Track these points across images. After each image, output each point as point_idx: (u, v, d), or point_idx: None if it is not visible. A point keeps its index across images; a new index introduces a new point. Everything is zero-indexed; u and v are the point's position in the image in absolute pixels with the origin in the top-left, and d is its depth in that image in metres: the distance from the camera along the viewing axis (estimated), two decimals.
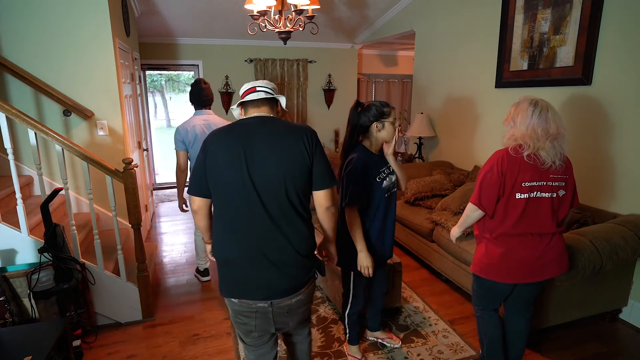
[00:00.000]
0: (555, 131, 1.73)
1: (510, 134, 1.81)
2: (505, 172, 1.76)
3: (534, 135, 1.73)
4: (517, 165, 1.75)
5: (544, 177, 1.77)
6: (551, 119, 1.73)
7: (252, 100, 1.57)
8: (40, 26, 3.00)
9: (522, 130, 1.76)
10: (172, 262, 3.72)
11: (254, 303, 1.51)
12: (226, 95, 6.38)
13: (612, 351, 2.44)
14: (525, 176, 1.75)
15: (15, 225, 2.38)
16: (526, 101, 1.78)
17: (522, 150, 1.75)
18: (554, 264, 1.86)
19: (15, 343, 1.82)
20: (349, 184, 1.93)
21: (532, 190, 1.77)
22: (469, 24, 4.05)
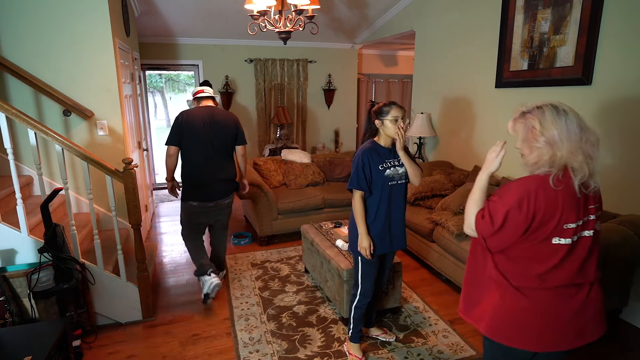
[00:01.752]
0: (595, 139, 1.28)
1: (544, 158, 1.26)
2: (537, 213, 1.25)
3: (580, 154, 1.24)
4: (560, 203, 1.25)
5: (587, 210, 1.30)
6: (584, 125, 1.29)
7: (204, 96, 2.98)
8: (40, 26, 3.00)
9: (567, 147, 1.24)
10: (172, 262, 3.72)
11: (206, 204, 2.93)
12: (226, 95, 6.38)
13: (612, 351, 2.44)
14: (570, 216, 1.26)
15: (15, 225, 2.38)
16: (548, 110, 1.28)
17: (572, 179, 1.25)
18: (594, 322, 1.38)
19: (15, 343, 1.82)
20: (352, 170, 2.16)
21: (577, 232, 1.28)
22: (469, 24, 4.05)
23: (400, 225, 2.25)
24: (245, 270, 3.50)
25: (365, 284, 2.25)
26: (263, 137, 6.63)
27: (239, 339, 2.54)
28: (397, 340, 2.52)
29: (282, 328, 2.64)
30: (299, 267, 3.54)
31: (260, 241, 4.11)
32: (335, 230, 3.13)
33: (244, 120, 6.56)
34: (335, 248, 2.86)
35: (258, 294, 3.08)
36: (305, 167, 4.69)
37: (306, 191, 4.33)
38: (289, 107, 6.60)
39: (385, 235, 2.20)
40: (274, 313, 2.82)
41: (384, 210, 2.17)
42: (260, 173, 4.53)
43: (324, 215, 4.25)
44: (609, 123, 2.76)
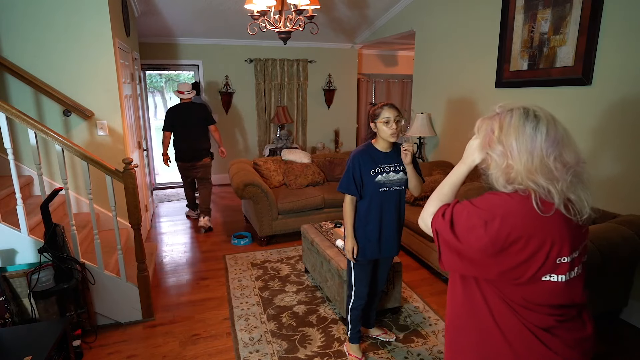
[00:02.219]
0: (575, 159, 1.00)
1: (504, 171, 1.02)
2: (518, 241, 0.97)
3: (546, 170, 0.97)
4: (551, 230, 0.98)
5: (578, 240, 1.04)
6: (564, 140, 1.00)
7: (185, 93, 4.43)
8: (41, 26, 3.00)
9: (525, 161, 0.98)
10: (172, 262, 3.72)
11: (189, 163, 4.46)
12: (226, 95, 6.38)
13: (612, 351, 2.44)
14: (564, 247, 0.99)
15: (15, 225, 2.38)
16: (517, 112, 1.04)
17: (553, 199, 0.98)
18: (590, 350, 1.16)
19: (15, 343, 1.82)
20: (346, 174, 2.14)
21: (572, 268, 1.02)
22: (469, 24, 4.05)
23: (392, 232, 2.18)
24: (245, 270, 3.50)
25: (359, 286, 2.24)
26: (263, 137, 6.63)
27: (239, 339, 2.54)
28: (397, 340, 2.52)
29: (282, 328, 2.64)
30: (299, 267, 3.54)
31: (260, 241, 4.11)
32: (335, 230, 3.13)
33: (244, 120, 6.57)
34: (335, 248, 2.86)
35: (258, 294, 3.08)
36: (305, 167, 4.69)
37: (306, 191, 4.33)
38: (289, 107, 6.60)
39: (374, 240, 2.15)
40: (274, 313, 2.82)
41: (376, 215, 2.12)
42: (260, 173, 4.53)
43: (324, 215, 4.25)
44: (609, 123, 2.76)
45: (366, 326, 2.54)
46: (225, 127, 6.52)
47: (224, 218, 5.00)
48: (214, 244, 4.16)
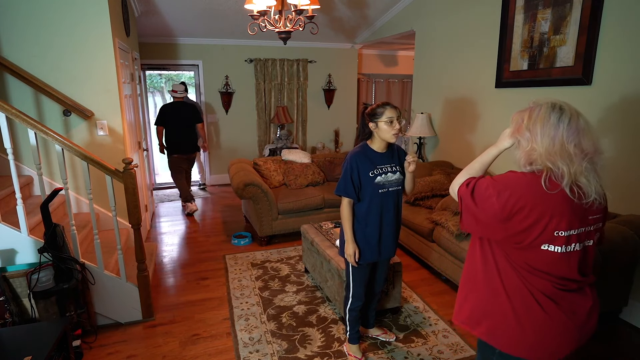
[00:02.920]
0: (593, 148, 1.17)
1: (527, 153, 1.22)
2: (520, 211, 1.17)
3: (565, 154, 1.15)
4: (552, 205, 1.16)
5: (584, 221, 1.20)
6: (585, 131, 1.18)
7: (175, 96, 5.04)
8: (41, 26, 3.00)
9: (547, 145, 1.17)
10: (172, 262, 3.72)
11: (186, 155, 5.07)
12: (226, 95, 6.38)
13: (612, 351, 2.44)
14: (562, 222, 1.17)
15: (15, 225, 2.38)
16: (545, 105, 1.21)
17: (562, 181, 1.16)
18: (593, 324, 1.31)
19: (15, 343, 1.82)
20: (343, 176, 2.10)
21: (570, 243, 1.19)
22: (469, 24, 4.05)
23: (392, 234, 2.19)
24: (245, 270, 3.50)
25: (357, 288, 2.23)
26: (263, 137, 6.64)
27: (239, 339, 2.54)
28: (397, 340, 2.52)
29: (282, 328, 2.64)
30: (299, 267, 3.54)
31: (260, 241, 4.11)
32: (335, 231, 3.13)
33: (244, 120, 6.57)
34: (335, 248, 2.86)
35: (258, 294, 3.08)
36: (305, 167, 4.69)
37: (306, 191, 4.33)
38: (289, 107, 6.60)
39: (375, 243, 2.14)
40: (274, 313, 2.82)
41: (376, 217, 2.09)
42: (260, 173, 4.53)
43: (324, 215, 4.25)
44: (609, 123, 2.76)
45: (366, 326, 2.54)
46: (225, 127, 6.53)
47: (224, 218, 5.00)
48: (214, 244, 4.16)
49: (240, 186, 3.87)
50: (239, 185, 3.88)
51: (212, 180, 6.70)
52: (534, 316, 1.23)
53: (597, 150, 1.18)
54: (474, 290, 1.36)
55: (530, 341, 1.25)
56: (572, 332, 1.25)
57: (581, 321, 1.27)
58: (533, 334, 1.24)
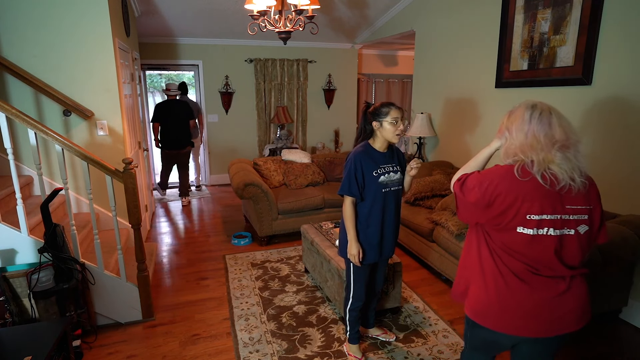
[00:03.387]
0: (564, 137, 1.31)
1: (505, 148, 1.41)
2: (497, 197, 1.33)
3: (536, 144, 1.31)
4: (524, 190, 1.31)
5: (558, 208, 1.31)
6: (556, 124, 1.33)
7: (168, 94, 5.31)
8: (41, 26, 3.00)
9: (520, 139, 1.35)
10: (172, 262, 3.72)
11: (175, 151, 5.35)
12: (226, 95, 6.38)
13: (612, 351, 2.44)
14: (533, 206, 1.30)
15: (15, 225, 2.38)
16: (522, 106, 1.40)
17: (532, 168, 1.31)
18: (572, 315, 1.38)
19: (15, 343, 1.82)
20: (344, 175, 2.10)
21: (541, 226, 1.31)
22: (469, 24, 4.05)
23: (392, 233, 2.20)
24: (245, 270, 3.50)
25: (357, 288, 2.23)
26: (263, 137, 6.64)
27: (239, 339, 2.54)
28: (397, 340, 2.52)
29: (282, 328, 2.64)
30: (299, 267, 3.54)
31: (260, 241, 4.11)
32: (335, 231, 3.13)
33: (244, 120, 6.57)
34: (335, 248, 2.86)
35: (258, 294, 3.08)
36: (305, 167, 4.69)
37: (306, 191, 4.33)
38: (289, 107, 6.60)
39: (376, 243, 2.14)
40: (274, 313, 2.82)
41: (378, 217, 2.10)
42: (260, 173, 4.53)
43: (324, 215, 4.25)
44: (609, 123, 2.76)
45: (366, 326, 2.54)
46: (225, 127, 6.53)
47: (224, 218, 5.00)
48: (214, 244, 4.16)
49: (241, 186, 3.87)
50: (239, 185, 3.88)
51: (212, 180, 6.70)
52: (499, 290, 1.39)
53: (569, 138, 1.32)
54: (464, 268, 1.56)
55: (495, 312, 1.40)
56: (539, 314, 1.35)
57: (552, 307, 1.35)
58: (497, 304, 1.39)
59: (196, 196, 6.06)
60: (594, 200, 1.37)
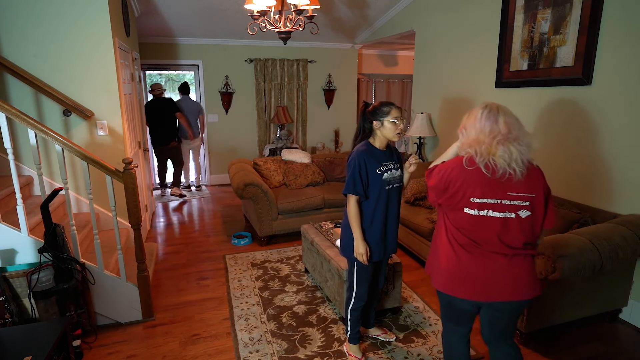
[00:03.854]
0: (506, 132, 1.54)
1: (463, 142, 1.64)
2: (453, 181, 1.60)
3: (483, 138, 1.56)
4: (469, 178, 1.57)
5: (498, 194, 1.55)
6: (501, 120, 1.56)
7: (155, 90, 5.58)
8: (41, 26, 3.00)
9: (472, 135, 1.60)
10: (172, 262, 3.71)
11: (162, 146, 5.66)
12: (226, 95, 6.38)
13: (612, 351, 2.44)
14: (475, 191, 1.56)
15: (15, 225, 2.38)
16: (478, 107, 1.64)
17: (476, 159, 1.56)
18: (513, 287, 1.60)
19: (15, 343, 1.82)
20: (347, 174, 2.10)
21: (482, 208, 1.57)
22: (469, 24, 4.05)
23: (394, 230, 2.21)
24: (245, 270, 3.50)
25: (360, 288, 2.23)
26: (263, 137, 6.64)
27: (239, 339, 2.54)
28: (397, 340, 2.52)
29: (282, 328, 2.64)
30: (299, 267, 3.54)
31: (260, 241, 4.11)
32: (335, 231, 3.13)
33: (244, 120, 6.57)
34: (335, 248, 2.86)
35: (258, 294, 3.08)
36: (305, 167, 4.69)
37: (306, 191, 4.33)
38: (289, 107, 6.60)
39: (381, 241, 2.16)
40: (274, 313, 2.82)
41: (381, 214, 2.12)
42: (260, 173, 4.53)
43: (324, 215, 4.25)
44: (609, 123, 2.76)
45: (366, 326, 2.54)
46: (225, 127, 6.53)
47: (224, 218, 5.00)
48: (214, 244, 4.16)
49: (241, 186, 3.87)
50: (239, 185, 3.88)
51: (212, 180, 6.70)
52: (450, 260, 1.66)
53: (510, 132, 1.55)
54: (433, 245, 1.80)
55: (449, 278, 1.68)
56: (481, 281, 1.61)
57: (492, 276, 1.61)
58: (450, 272, 1.66)
59: (196, 196, 6.06)
60: (536, 189, 1.57)
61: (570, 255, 2.14)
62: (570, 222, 2.63)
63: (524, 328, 2.39)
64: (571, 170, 3.05)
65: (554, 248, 2.18)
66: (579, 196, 2.98)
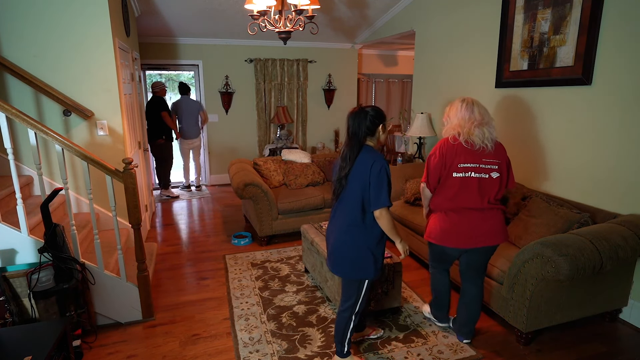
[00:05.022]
0: (480, 119, 2.19)
1: (447, 127, 2.29)
2: (445, 155, 2.19)
3: (463, 123, 2.19)
4: (454, 150, 2.19)
5: (477, 160, 2.18)
6: (476, 111, 2.20)
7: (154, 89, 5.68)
8: (41, 26, 3.00)
9: (455, 121, 2.24)
10: (172, 262, 3.72)
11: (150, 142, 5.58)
12: (226, 95, 6.39)
13: (612, 351, 2.44)
14: (460, 159, 2.17)
15: (15, 225, 2.38)
16: (457, 100, 2.29)
17: (459, 138, 2.18)
18: (488, 235, 2.22)
19: (15, 343, 1.82)
20: (387, 185, 1.95)
21: (467, 171, 2.18)
22: (469, 23, 4.05)
23: None
24: (245, 270, 3.50)
25: (364, 303, 2.14)
26: (263, 137, 6.64)
27: (239, 339, 2.54)
28: (397, 340, 2.52)
29: (282, 328, 2.64)
30: (299, 267, 3.54)
31: (260, 241, 4.11)
32: None
33: (244, 120, 6.57)
34: None
35: (258, 294, 3.08)
36: (305, 167, 4.69)
37: (306, 191, 4.33)
38: (289, 107, 6.60)
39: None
40: (274, 313, 2.82)
41: None
42: (260, 173, 4.53)
43: (324, 215, 4.25)
44: (609, 123, 2.76)
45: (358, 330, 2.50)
46: (225, 127, 6.53)
47: (224, 218, 5.00)
48: (214, 244, 4.16)
49: (241, 186, 3.87)
50: (239, 185, 3.88)
51: (212, 180, 6.70)
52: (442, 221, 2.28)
53: (483, 119, 2.20)
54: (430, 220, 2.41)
55: (439, 234, 2.29)
56: (466, 232, 2.22)
57: (475, 228, 2.21)
58: (441, 230, 2.28)
59: (196, 196, 6.06)
60: (501, 157, 2.22)
61: (570, 255, 2.14)
62: (570, 222, 2.63)
63: (524, 328, 2.39)
64: (571, 170, 3.05)
65: (554, 248, 2.18)
66: (579, 196, 2.98)
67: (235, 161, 4.69)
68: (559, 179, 3.14)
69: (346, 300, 2.13)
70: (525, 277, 2.33)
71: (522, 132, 3.46)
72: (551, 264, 2.17)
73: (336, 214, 2.09)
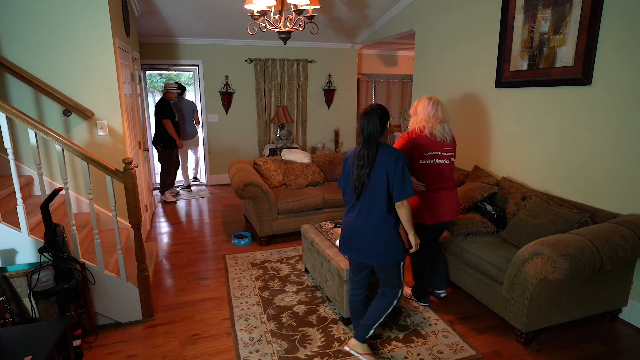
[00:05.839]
0: (442, 117, 2.58)
1: (414, 120, 2.65)
2: (414, 140, 2.57)
3: (428, 119, 2.57)
4: (421, 140, 2.56)
5: (439, 149, 2.59)
6: (440, 109, 2.58)
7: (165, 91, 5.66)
8: (41, 26, 3.00)
9: (422, 116, 2.60)
10: (172, 262, 3.72)
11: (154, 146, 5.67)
12: (226, 95, 6.39)
13: (612, 351, 2.44)
14: (427, 148, 2.57)
15: (15, 225, 2.38)
16: (425, 97, 2.65)
17: (424, 130, 2.56)
18: (454, 208, 2.72)
19: (15, 343, 1.82)
20: (402, 175, 2.07)
21: (433, 158, 2.58)
22: (469, 23, 4.05)
23: None
24: (245, 270, 3.50)
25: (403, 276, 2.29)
26: (263, 137, 6.64)
27: (239, 339, 2.54)
28: (397, 340, 2.52)
29: (282, 328, 2.64)
30: (299, 267, 3.54)
31: (260, 241, 4.11)
32: (335, 230, 3.12)
33: (244, 120, 6.58)
34: (335, 248, 2.86)
35: (258, 294, 3.08)
36: (305, 167, 4.69)
37: (306, 191, 4.33)
38: (289, 107, 6.60)
39: None
40: (274, 313, 2.82)
41: None
42: (260, 173, 4.53)
43: (324, 215, 4.25)
44: (609, 123, 2.76)
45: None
46: (225, 127, 6.53)
47: (224, 218, 5.00)
48: (214, 244, 4.16)
49: (241, 186, 3.87)
50: (239, 185, 3.88)
51: (212, 180, 6.70)
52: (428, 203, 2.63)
53: (445, 116, 2.59)
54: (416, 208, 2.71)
55: (424, 213, 2.64)
56: (442, 210, 2.64)
57: (449, 204, 2.67)
58: (426, 210, 2.63)
59: (196, 195, 6.06)
60: (454, 147, 2.67)
61: (570, 255, 2.14)
62: (570, 222, 2.63)
63: (524, 328, 2.39)
64: (571, 170, 3.05)
65: (554, 248, 2.18)
66: (579, 196, 2.98)
67: (235, 161, 4.69)
68: (559, 179, 3.14)
69: (392, 287, 2.26)
70: (525, 277, 2.33)
71: (522, 132, 3.46)
72: (551, 264, 2.17)
73: (361, 211, 2.17)
